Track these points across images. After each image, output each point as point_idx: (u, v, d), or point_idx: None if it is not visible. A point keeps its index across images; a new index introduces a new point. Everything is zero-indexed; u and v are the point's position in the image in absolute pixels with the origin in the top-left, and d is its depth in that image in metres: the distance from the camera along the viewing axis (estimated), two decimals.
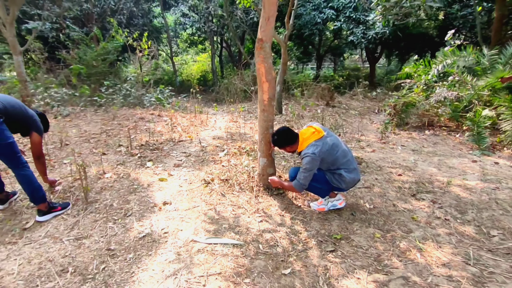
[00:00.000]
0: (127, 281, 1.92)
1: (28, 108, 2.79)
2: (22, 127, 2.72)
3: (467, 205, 2.89)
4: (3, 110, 2.47)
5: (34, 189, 2.60)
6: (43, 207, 2.66)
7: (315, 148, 2.47)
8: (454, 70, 6.15)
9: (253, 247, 2.24)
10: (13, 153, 2.52)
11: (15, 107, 2.61)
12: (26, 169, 2.59)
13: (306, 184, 2.57)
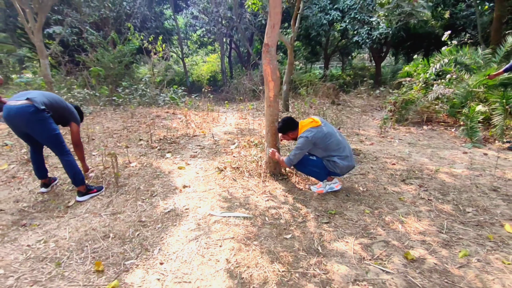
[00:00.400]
0: (158, 243, 2.37)
1: (67, 103, 3.27)
2: (63, 118, 3.19)
3: (449, 188, 3.26)
4: (49, 106, 2.94)
5: (75, 173, 3.06)
6: (82, 188, 3.13)
7: (309, 133, 2.90)
8: (451, 68, 6.47)
9: (260, 219, 2.66)
10: (59, 142, 2.98)
11: (58, 102, 3.08)
12: (70, 155, 3.06)
13: (295, 161, 3.02)
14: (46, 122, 2.86)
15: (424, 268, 2.04)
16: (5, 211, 2.92)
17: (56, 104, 3.05)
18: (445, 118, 6.48)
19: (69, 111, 3.20)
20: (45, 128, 2.87)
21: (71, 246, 2.34)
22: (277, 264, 2.08)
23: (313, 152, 3.07)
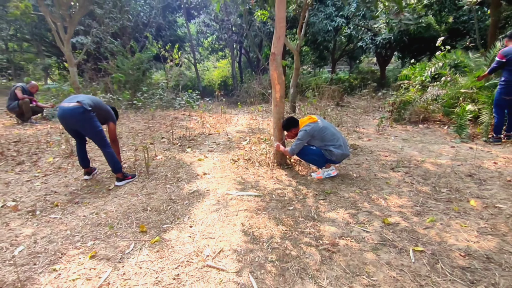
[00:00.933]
0: (187, 214, 2.96)
1: (106, 104, 3.91)
2: (103, 118, 3.82)
3: (431, 175, 3.79)
4: (94, 107, 3.58)
5: (115, 162, 3.70)
6: (120, 175, 3.75)
7: (308, 127, 3.50)
8: (446, 71, 6.96)
9: (268, 197, 3.24)
10: (102, 137, 3.62)
11: (100, 104, 3.72)
12: (110, 148, 3.69)
13: (296, 150, 3.63)
14: (92, 121, 3.50)
15: (396, 229, 2.58)
16: (58, 192, 3.56)
17: (99, 105, 3.69)
18: (440, 117, 6.96)
19: (108, 111, 3.85)
20: (91, 125, 3.50)
21: (119, 216, 2.95)
22: (281, 226, 2.66)
23: (311, 143, 3.65)
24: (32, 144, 5.23)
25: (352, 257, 2.22)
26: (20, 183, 3.83)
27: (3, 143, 5.15)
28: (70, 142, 4.98)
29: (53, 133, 6.01)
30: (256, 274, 2.06)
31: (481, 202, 3.02)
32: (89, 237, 2.61)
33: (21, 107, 6.71)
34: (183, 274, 2.09)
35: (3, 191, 3.59)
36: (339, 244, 2.38)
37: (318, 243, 2.40)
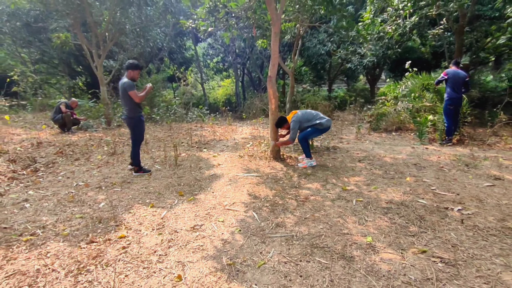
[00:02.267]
0: (209, 186, 4.23)
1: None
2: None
3: (386, 164, 5.06)
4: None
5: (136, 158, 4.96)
6: (136, 169, 5.01)
7: (294, 117, 4.87)
8: (415, 88, 8.31)
9: (265, 176, 4.53)
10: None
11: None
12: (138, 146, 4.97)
13: (294, 137, 4.93)
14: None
15: (350, 192, 3.85)
16: (112, 177, 4.85)
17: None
18: (411, 126, 8.26)
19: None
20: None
21: (162, 188, 4.24)
22: (273, 190, 3.94)
23: (304, 127, 4.97)
24: (81, 146, 6.57)
25: (316, 204, 3.49)
26: (82, 172, 5.13)
27: (59, 145, 6.50)
28: (113, 144, 6.31)
29: (93, 139, 7.35)
30: (256, 212, 3.34)
31: (414, 179, 4.30)
32: (146, 198, 3.89)
33: (64, 119, 8.09)
34: (212, 212, 3.37)
35: (72, 176, 4.89)
36: (309, 199, 3.66)
37: (296, 198, 3.68)
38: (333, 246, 2.60)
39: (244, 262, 2.42)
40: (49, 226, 3.16)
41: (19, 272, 2.36)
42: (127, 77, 4.56)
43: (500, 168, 4.71)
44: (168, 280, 2.22)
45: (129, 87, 4.52)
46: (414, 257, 2.42)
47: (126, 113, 4.69)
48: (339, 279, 2.18)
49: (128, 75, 4.58)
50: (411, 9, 9.31)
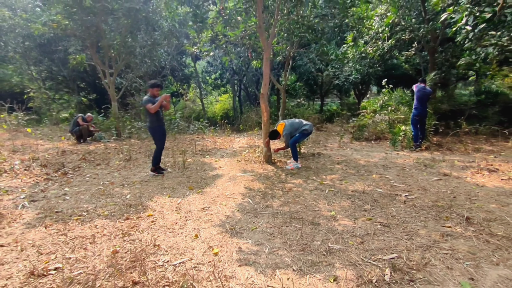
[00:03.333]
0: (213, 183, 5.18)
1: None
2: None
3: (360, 166, 6.05)
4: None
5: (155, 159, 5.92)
6: (152, 169, 5.95)
7: (285, 131, 5.85)
8: (392, 103, 9.39)
9: (259, 175, 5.49)
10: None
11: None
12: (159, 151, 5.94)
13: (287, 143, 5.88)
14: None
15: (325, 185, 4.82)
16: (131, 178, 5.78)
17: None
18: (389, 136, 9.28)
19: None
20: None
21: (175, 185, 5.18)
22: (264, 185, 4.89)
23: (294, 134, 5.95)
24: (100, 154, 7.52)
25: (297, 193, 4.46)
26: (104, 174, 6.06)
27: (81, 153, 7.44)
28: (129, 152, 7.26)
29: (109, 148, 8.30)
30: (251, 198, 4.29)
31: (379, 176, 5.28)
32: (163, 192, 4.83)
33: (81, 131, 9.05)
34: (217, 199, 4.32)
35: (97, 177, 5.82)
36: (292, 189, 4.62)
37: (282, 189, 4.64)
38: (306, 218, 3.56)
39: (241, 228, 3.36)
40: (91, 210, 4.09)
41: (80, 236, 3.28)
42: (150, 94, 5.55)
43: (451, 168, 5.71)
44: (188, 238, 3.16)
45: (145, 102, 5.51)
46: (362, 222, 3.37)
47: (147, 124, 5.69)
48: (307, 234, 3.13)
49: (150, 92, 5.57)
50: (388, 33, 10.51)
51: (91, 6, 8.67)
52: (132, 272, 2.51)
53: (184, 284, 2.31)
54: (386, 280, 2.31)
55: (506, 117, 9.55)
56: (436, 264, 2.52)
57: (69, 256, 2.84)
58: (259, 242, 3.02)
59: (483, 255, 2.64)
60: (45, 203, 4.41)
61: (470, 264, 2.50)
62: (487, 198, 4.04)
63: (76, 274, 2.52)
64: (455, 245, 2.82)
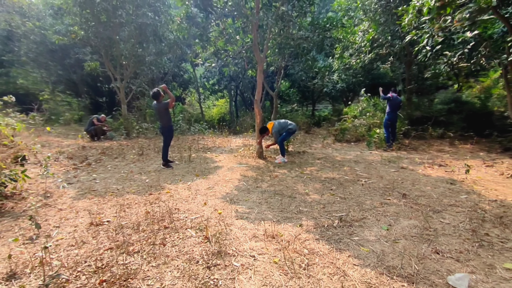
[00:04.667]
0: (214, 172, 6.31)
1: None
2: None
3: (336, 161, 7.22)
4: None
5: (164, 154, 7.04)
6: (163, 163, 7.07)
7: (274, 129, 6.99)
8: (370, 109, 10.61)
9: (252, 167, 6.63)
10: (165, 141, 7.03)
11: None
12: (166, 147, 7.07)
13: (277, 140, 7.03)
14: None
15: (305, 174, 5.97)
16: (146, 169, 6.88)
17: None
18: (367, 138, 10.48)
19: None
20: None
21: (183, 173, 6.30)
22: (256, 173, 6.04)
23: (281, 132, 7.09)
24: (115, 149, 8.61)
25: (281, 178, 5.61)
26: (122, 165, 7.16)
27: (99, 148, 8.53)
28: (140, 148, 8.36)
29: (122, 145, 9.39)
30: (245, 182, 5.43)
31: (349, 168, 6.44)
32: (174, 178, 5.95)
33: (96, 130, 10.13)
34: (218, 183, 5.45)
35: (117, 167, 6.91)
36: (278, 177, 5.77)
37: (270, 176, 5.80)
38: (286, 193, 4.71)
39: (238, 199, 4.50)
40: (120, 189, 5.20)
41: (116, 203, 4.40)
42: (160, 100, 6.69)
43: (410, 163, 6.91)
44: (199, 205, 4.29)
45: (164, 104, 6.64)
46: (327, 196, 4.53)
47: (161, 125, 6.81)
48: (285, 203, 4.27)
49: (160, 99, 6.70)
50: (369, 47, 11.77)
51: (108, 20, 9.80)
52: (163, 221, 3.64)
53: (201, 227, 3.44)
54: (334, 226, 3.47)
55: (469, 123, 10.79)
56: (370, 218, 3.68)
57: (114, 215, 3.96)
58: (250, 207, 4.17)
59: (404, 214, 3.81)
60: (80, 184, 5.52)
61: (389, 218, 3.67)
62: (426, 183, 5.23)
63: (124, 224, 3.64)
64: (387, 209, 3.99)
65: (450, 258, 2.75)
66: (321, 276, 2.49)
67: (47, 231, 3.51)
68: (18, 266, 2.72)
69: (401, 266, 2.61)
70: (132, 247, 3.02)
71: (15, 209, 4.26)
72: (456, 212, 3.86)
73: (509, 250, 2.88)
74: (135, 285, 2.40)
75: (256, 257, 2.81)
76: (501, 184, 5.21)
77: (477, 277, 2.45)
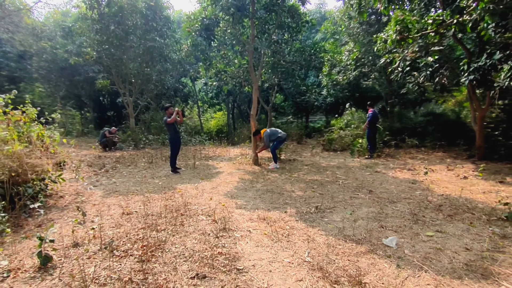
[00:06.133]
0: (216, 176, 7.36)
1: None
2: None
3: (321, 166, 8.29)
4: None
5: (172, 162, 8.09)
6: (172, 169, 8.11)
7: (265, 134, 8.09)
8: (354, 121, 11.75)
9: (248, 172, 7.69)
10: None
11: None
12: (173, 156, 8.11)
13: (267, 145, 8.14)
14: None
15: (293, 177, 7.04)
16: (156, 174, 7.92)
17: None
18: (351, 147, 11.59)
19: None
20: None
21: (190, 177, 7.34)
22: (251, 177, 7.10)
23: (272, 139, 8.16)
24: (127, 158, 9.64)
25: (273, 180, 6.67)
26: (136, 172, 8.18)
27: (113, 158, 9.56)
28: (150, 157, 9.40)
29: (132, 155, 10.43)
30: (242, 183, 6.49)
31: (331, 172, 7.52)
32: (183, 181, 6.98)
33: (108, 141, 11.18)
34: (220, 184, 6.50)
35: (131, 173, 7.93)
36: (270, 179, 6.84)
37: (263, 179, 6.86)
38: (275, 191, 5.76)
39: (237, 196, 5.55)
40: (138, 189, 6.23)
41: (139, 199, 5.43)
42: (167, 115, 7.78)
43: (384, 168, 8.01)
44: (206, 200, 5.33)
45: (165, 120, 7.74)
46: (309, 193, 5.60)
47: (168, 136, 7.89)
48: (275, 198, 5.33)
49: (167, 113, 7.80)
50: (354, 66, 13.00)
51: (119, 44, 10.98)
52: (179, 211, 4.68)
53: (209, 213, 4.49)
54: (311, 212, 4.53)
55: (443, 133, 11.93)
56: (339, 207, 4.75)
57: (139, 207, 4.99)
58: (247, 201, 5.22)
59: (366, 204, 4.88)
60: (104, 187, 6.54)
61: (354, 207, 4.74)
62: (392, 183, 6.32)
63: (149, 213, 4.67)
64: (354, 201, 5.06)
65: (390, 230, 3.82)
66: (297, 241, 3.54)
67: (90, 219, 4.53)
68: (78, 239, 3.74)
69: (353, 234, 3.67)
70: (159, 227, 4.05)
71: (57, 204, 5.28)
72: (407, 203, 4.94)
73: (435, 225, 3.95)
74: (167, 248, 3.43)
75: (251, 231, 3.86)
76: (453, 183, 6.30)
77: (404, 240, 3.51)
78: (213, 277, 2.77)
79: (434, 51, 6.50)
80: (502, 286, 2.59)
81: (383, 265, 2.94)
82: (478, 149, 8.75)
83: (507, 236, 3.59)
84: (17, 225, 4.20)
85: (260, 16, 7.84)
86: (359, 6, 7.23)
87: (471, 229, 3.82)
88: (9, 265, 3.01)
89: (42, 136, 5.62)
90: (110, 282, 2.70)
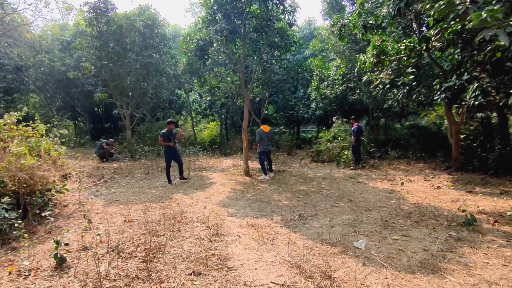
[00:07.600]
0: (210, 187, 7.85)
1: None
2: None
3: (308, 177, 8.84)
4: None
5: (180, 172, 8.57)
6: (180, 177, 8.60)
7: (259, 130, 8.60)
8: (341, 134, 12.39)
9: (240, 182, 8.20)
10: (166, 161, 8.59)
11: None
12: (180, 165, 8.59)
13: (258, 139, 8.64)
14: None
15: (280, 188, 7.57)
16: (154, 185, 8.38)
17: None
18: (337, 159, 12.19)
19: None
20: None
21: (185, 188, 7.82)
22: (242, 187, 7.61)
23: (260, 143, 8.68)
24: (124, 169, 10.08)
25: (262, 191, 7.19)
26: (133, 182, 8.63)
27: (111, 168, 9.99)
28: (146, 168, 9.86)
29: (129, 166, 10.86)
30: (234, 193, 6.99)
31: (317, 183, 8.07)
32: (178, 191, 7.46)
33: (105, 153, 11.60)
34: (213, 194, 7.00)
35: (129, 184, 8.38)
36: (260, 189, 7.36)
37: (253, 189, 7.37)
38: (264, 200, 6.28)
39: (229, 204, 6.06)
40: (137, 199, 6.69)
41: (138, 208, 5.89)
42: (167, 129, 8.29)
43: (367, 179, 8.59)
44: (200, 208, 5.82)
45: (160, 135, 8.24)
46: (294, 202, 6.12)
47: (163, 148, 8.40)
48: (263, 207, 5.84)
49: (168, 127, 8.31)
50: (341, 81, 13.71)
51: (118, 60, 11.51)
52: (176, 218, 5.17)
53: (203, 220, 4.99)
54: (294, 219, 5.05)
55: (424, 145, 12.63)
56: (320, 215, 5.29)
57: (139, 215, 5.46)
58: (238, 209, 5.73)
59: (344, 212, 5.43)
60: (104, 197, 6.99)
61: (334, 215, 5.28)
62: (371, 193, 6.89)
63: (148, 220, 5.15)
64: (334, 209, 5.61)
65: (362, 234, 4.36)
66: (280, 244, 4.06)
67: (95, 226, 4.99)
68: (86, 243, 4.20)
69: (329, 238, 4.20)
70: (159, 232, 4.54)
71: (62, 213, 5.72)
72: (381, 211, 5.50)
73: (402, 230, 4.50)
74: (166, 250, 3.91)
75: (241, 236, 4.37)
76: (427, 193, 6.90)
77: (373, 243, 4.05)
78: (207, 273, 3.27)
79: (408, 73, 7.18)
80: (446, 279, 3.13)
81: (351, 263, 3.47)
82: (454, 160, 9.39)
83: (461, 239, 4.15)
84: (29, 231, 4.64)
85: (251, 37, 8.47)
86: (340, 32, 7.91)
87: (432, 233, 4.38)
88: (29, 265, 3.47)
89: (49, 150, 6.07)
90: (119, 278, 3.18)
